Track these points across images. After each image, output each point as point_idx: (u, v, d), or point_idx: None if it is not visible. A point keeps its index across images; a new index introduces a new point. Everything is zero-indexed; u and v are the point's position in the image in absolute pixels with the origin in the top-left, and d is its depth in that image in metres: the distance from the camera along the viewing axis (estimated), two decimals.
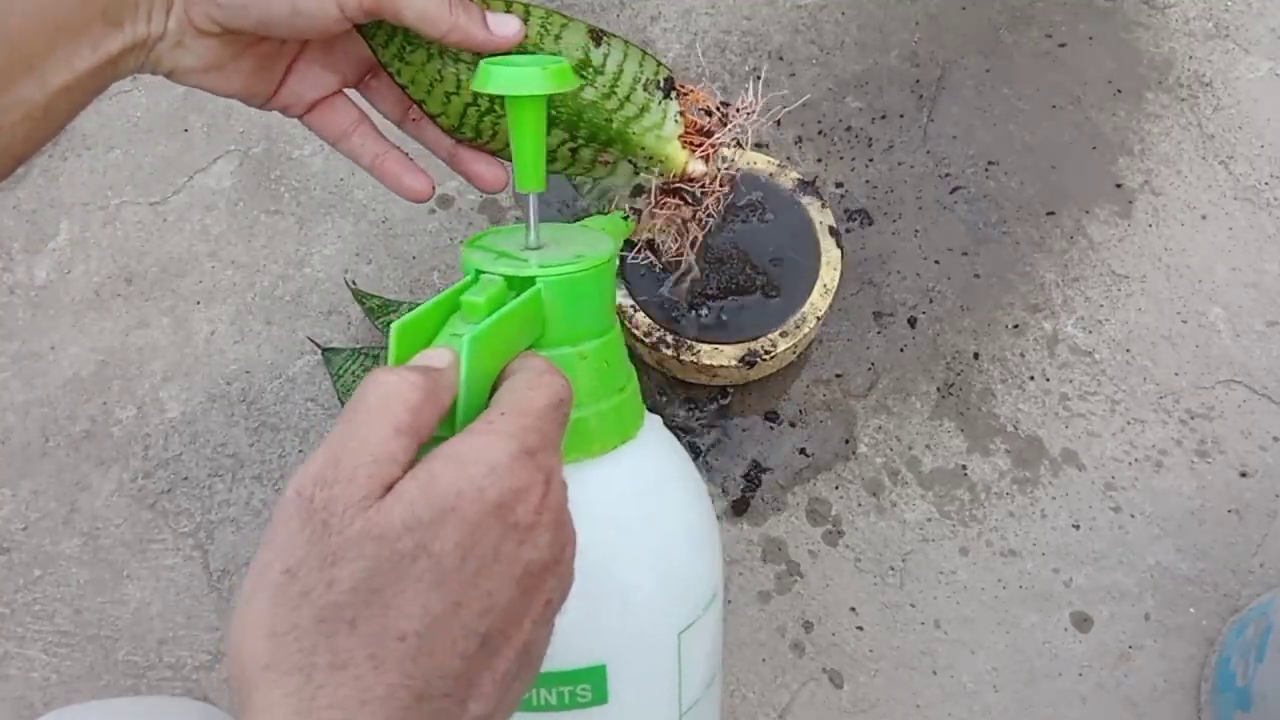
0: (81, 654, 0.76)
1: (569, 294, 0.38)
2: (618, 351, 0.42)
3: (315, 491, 0.28)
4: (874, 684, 0.74)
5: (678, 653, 0.43)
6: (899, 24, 1.01)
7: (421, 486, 0.28)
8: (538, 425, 0.31)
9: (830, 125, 0.96)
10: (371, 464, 0.28)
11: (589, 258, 0.39)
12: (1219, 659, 0.72)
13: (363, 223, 0.93)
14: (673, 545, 0.44)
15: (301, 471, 0.29)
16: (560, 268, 0.38)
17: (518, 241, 0.41)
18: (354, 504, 0.28)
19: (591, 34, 0.49)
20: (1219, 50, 0.99)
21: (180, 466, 0.83)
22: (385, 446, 0.29)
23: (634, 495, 0.43)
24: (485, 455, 0.29)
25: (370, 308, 0.86)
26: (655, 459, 0.44)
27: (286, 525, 0.28)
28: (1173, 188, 0.93)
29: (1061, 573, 0.77)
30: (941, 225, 0.91)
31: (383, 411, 0.29)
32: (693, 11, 1.02)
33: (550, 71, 0.38)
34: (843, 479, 0.81)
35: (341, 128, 0.50)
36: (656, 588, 0.43)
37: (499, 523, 0.29)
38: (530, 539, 0.30)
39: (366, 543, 0.27)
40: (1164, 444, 0.82)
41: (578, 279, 0.38)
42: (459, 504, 0.28)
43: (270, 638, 0.27)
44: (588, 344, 0.40)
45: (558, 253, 0.40)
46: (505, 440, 0.30)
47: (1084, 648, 0.75)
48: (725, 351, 0.77)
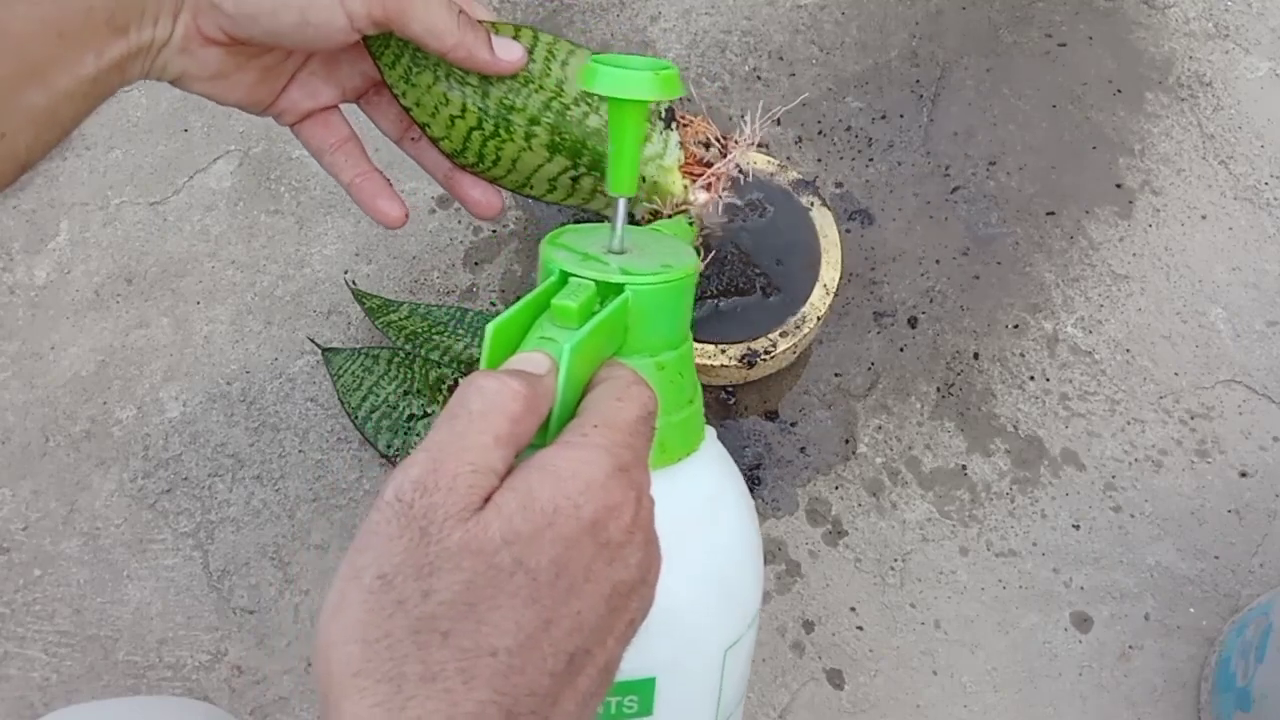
0: (81, 654, 0.76)
1: (654, 304, 0.38)
2: (690, 364, 0.41)
3: (415, 498, 0.27)
4: (874, 684, 0.74)
5: (722, 669, 0.43)
6: (899, 24, 1.01)
7: (520, 501, 0.28)
8: (629, 440, 0.31)
9: (830, 125, 0.96)
10: (472, 474, 0.28)
11: (676, 268, 0.38)
12: (1219, 659, 0.72)
13: (363, 223, 0.93)
14: (726, 560, 0.44)
15: (401, 475, 0.28)
16: (648, 277, 0.37)
17: (599, 243, 0.40)
18: (454, 514, 0.27)
19: None
20: (1219, 50, 0.99)
21: (180, 466, 0.83)
22: (486, 456, 0.29)
23: (695, 508, 0.42)
24: (582, 471, 0.29)
25: (370, 308, 0.86)
26: (715, 472, 0.44)
27: (384, 529, 0.27)
28: (1173, 188, 0.93)
29: (1061, 573, 0.77)
30: (941, 225, 0.91)
31: (485, 419, 0.29)
32: (693, 11, 1.02)
33: (662, 77, 0.38)
34: (843, 479, 0.81)
35: (329, 142, 0.50)
36: (710, 603, 0.43)
37: (592, 541, 0.29)
38: (621, 558, 0.30)
39: (465, 555, 0.27)
40: (1164, 444, 0.82)
41: (664, 289, 0.38)
42: (555, 520, 0.28)
43: (363, 644, 0.26)
44: (666, 354, 0.39)
45: (642, 260, 0.39)
46: (600, 455, 0.30)
47: (1084, 648, 0.75)
48: (725, 351, 0.77)
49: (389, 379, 0.82)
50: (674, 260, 0.39)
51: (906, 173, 0.94)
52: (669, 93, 0.38)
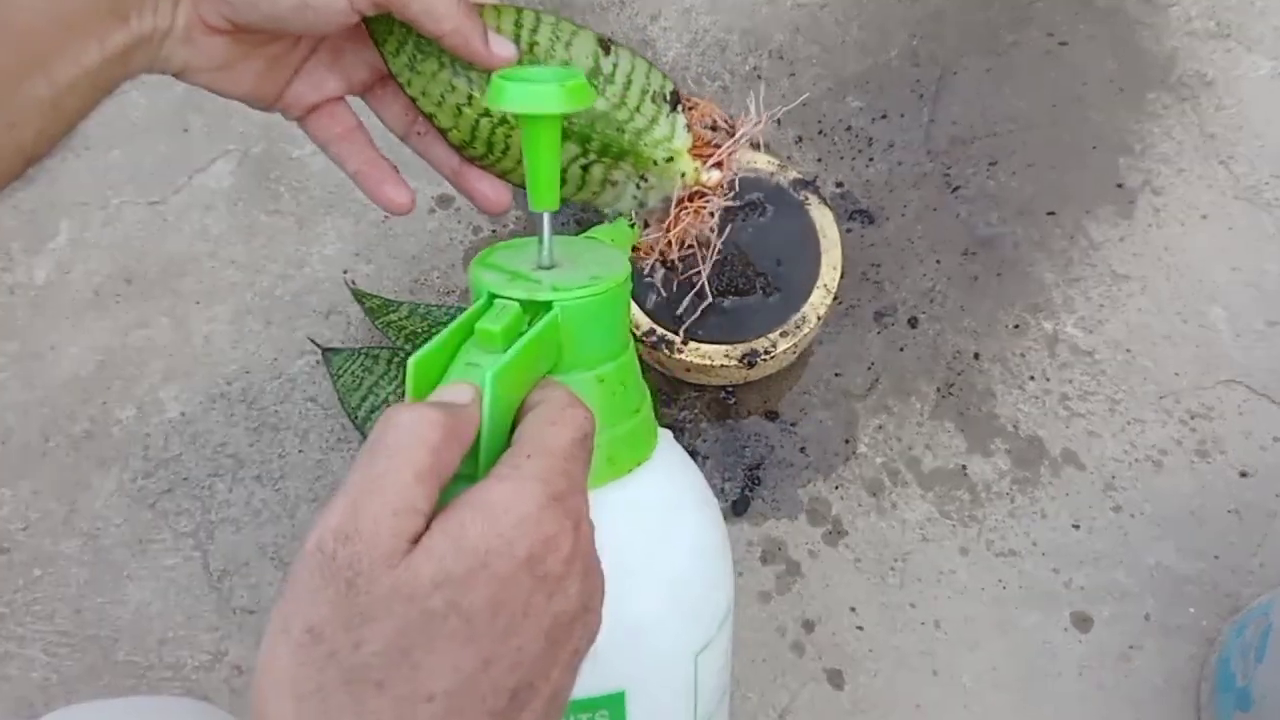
0: (81, 654, 0.76)
1: (586, 317, 0.37)
2: (633, 372, 0.41)
3: (337, 548, 0.27)
4: (874, 684, 0.74)
5: (694, 673, 0.43)
6: (899, 24, 1.01)
7: (451, 541, 0.27)
8: (564, 467, 0.30)
9: (830, 125, 0.96)
10: (393, 517, 0.27)
11: (605, 279, 0.37)
12: (1219, 659, 0.72)
13: (363, 223, 0.93)
14: (688, 566, 0.43)
15: (320, 524, 0.27)
16: (576, 291, 0.36)
17: (529, 259, 0.39)
18: (379, 561, 0.26)
19: (601, 43, 0.49)
20: (1220, 49, 0.99)
21: (180, 466, 0.83)
22: (406, 495, 0.28)
23: (650, 519, 0.42)
24: (515, 505, 0.28)
25: (370, 307, 0.86)
26: (669, 479, 0.44)
27: (308, 581, 0.27)
28: (1173, 187, 0.93)
29: (1061, 573, 0.77)
30: (941, 225, 0.91)
31: (403, 455, 0.28)
32: (693, 11, 1.02)
33: (569, 88, 0.36)
34: (843, 479, 0.81)
35: (335, 132, 0.50)
36: (674, 612, 0.42)
37: (529, 576, 0.28)
38: (560, 590, 0.29)
39: (395, 602, 0.26)
40: (1164, 444, 0.82)
41: (594, 302, 0.37)
42: (489, 560, 0.27)
43: (295, 699, 0.26)
44: (604, 367, 0.38)
45: (572, 273, 0.38)
46: (533, 486, 0.29)
47: (1084, 648, 0.75)
48: (725, 351, 0.77)
49: (389, 379, 0.82)
50: (604, 270, 0.38)
51: (906, 172, 0.94)
52: (578, 103, 0.37)
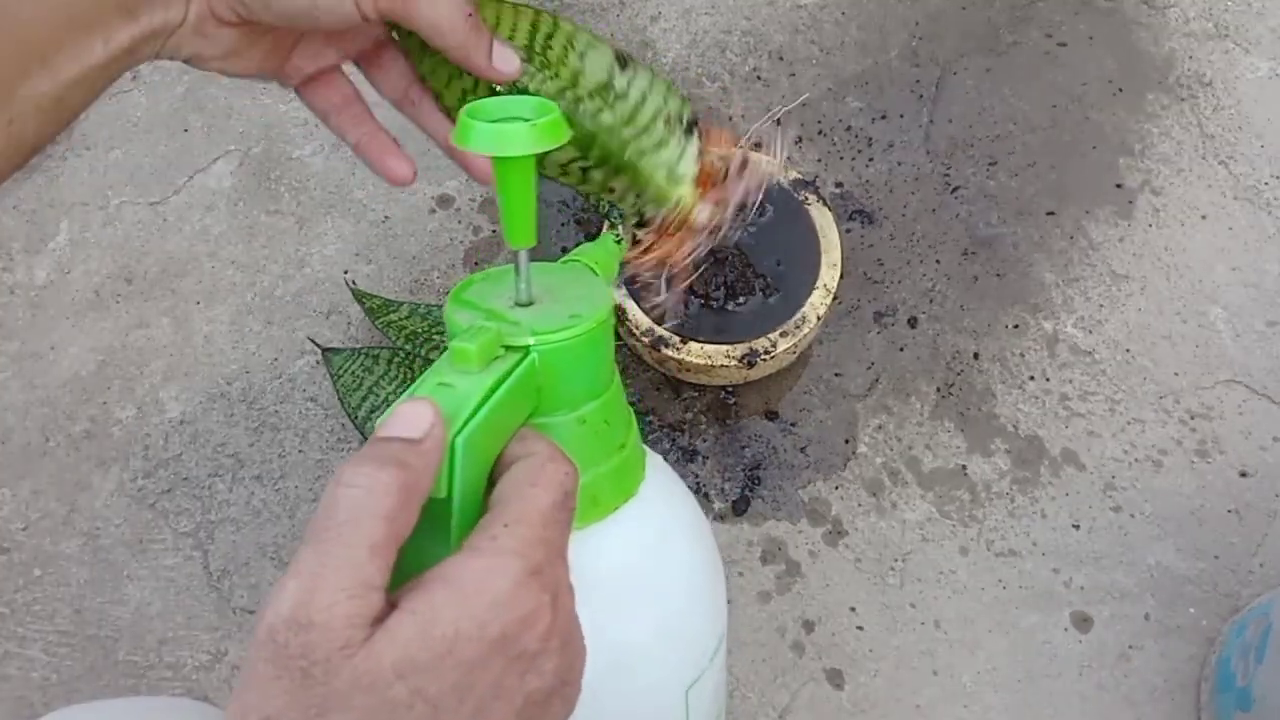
0: (81, 654, 0.76)
1: (566, 360, 0.35)
2: (618, 408, 0.39)
3: (289, 637, 0.25)
4: (874, 684, 0.74)
5: (685, 708, 0.43)
6: (899, 24, 1.01)
7: (419, 626, 0.26)
8: (542, 535, 0.29)
9: (830, 125, 0.96)
10: (348, 600, 0.26)
11: (585, 317, 0.35)
12: (1219, 659, 0.72)
13: (363, 223, 0.93)
14: (680, 602, 0.42)
15: (272, 610, 0.26)
16: (555, 334, 0.34)
17: (506, 294, 0.37)
18: (335, 651, 0.25)
19: (618, 58, 0.48)
20: (1219, 50, 0.99)
21: (180, 466, 0.83)
22: (361, 574, 0.26)
23: (639, 556, 0.40)
24: (488, 584, 0.27)
25: (370, 308, 0.86)
26: (658, 513, 0.42)
27: (262, 670, 0.25)
28: (1173, 187, 0.93)
29: (1061, 573, 0.77)
30: (941, 225, 0.91)
31: (355, 529, 0.26)
32: (693, 11, 1.02)
33: (540, 128, 0.34)
34: (843, 479, 0.81)
35: (333, 102, 0.49)
36: (665, 649, 0.41)
37: (501, 656, 0.27)
38: (534, 668, 0.28)
39: (355, 694, 0.25)
40: (1164, 444, 0.82)
41: (574, 343, 0.35)
42: (457, 645, 0.26)
43: None
44: (586, 407, 0.36)
45: (551, 311, 0.36)
46: (509, 562, 0.28)
47: (1084, 648, 0.75)
48: (725, 351, 0.77)
49: (389, 379, 0.81)
50: (584, 308, 0.36)
51: (906, 173, 0.94)
52: (549, 141, 0.35)
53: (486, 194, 0.94)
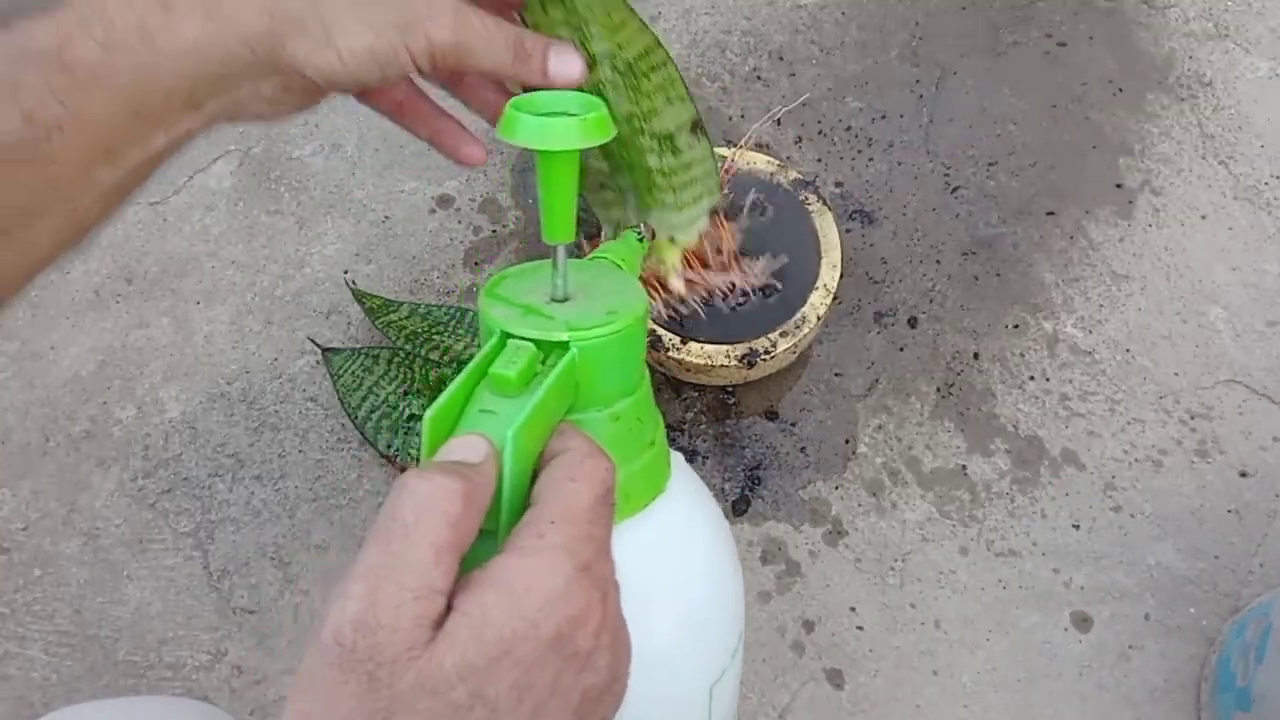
0: (82, 654, 0.76)
1: (603, 357, 0.35)
2: (648, 405, 0.39)
3: (357, 639, 0.25)
4: (874, 684, 0.74)
5: (709, 705, 0.42)
6: (899, 24, 1.01)
7: (473, 629, 0.26)
8: (589, 531, 0.29)
9: (830, 125, 0.96)
10: (415, 602, 0.26)
11: (623, 315, 0.35)
12: (1219, 659, 0.72)
13: (363, 223, 0.93)
14: (705, 598, 0.42)
15: (337, 613, 0.26)
16: (594, 330, 0.34)
17: (540, 288, 0.37)
18: (402, 654, 0.25)
19: (695, 124, 0.49)
20: (1219, 50, 0.99)
21: (180, 466, 0.83)
22: (426, 576, 0.26)
23: (666, 553, 0.40)
24: (539, 582, 0.27)
25: (370, 308, 0.86)
26: (684, 509, 0.42)
27: (327, 675, 0.25)
28: (1173, 187, 0.93)
29: (1061, 573, 0.77)
30: (941, 225, 0.91)
31: (421, 531, 0.27)
32: (693, 11, 1.02)
33: (588, 123, 0.34)
34: (843, 479, 0.81)
35: (397, 100, 0.49)
36: (691, 646, 0.41)
37: (557, 655, 0.27)
38: (589, 665, 0.28)
39: (420, 697, 0.25)
40: (1164, 444, 0.82)
41: (612, 340, 0.35)
42: (513, 646, 0.26)
43: None
44: (620, 404, 0.36)
45: (588, 307, 0.36)
46: (559, 558, 0.28)
47: (1084, 648, 0.75)
48: (725, 351, 0.77)
49: (389, 379, 0.82)
50: (621, 305, 0.36)
51: (906, 173, 0.94)
52: (597, 137, 0.35)
53: (486, 194, 0.94)
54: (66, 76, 0.37)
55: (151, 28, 0.38)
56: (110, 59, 0.37)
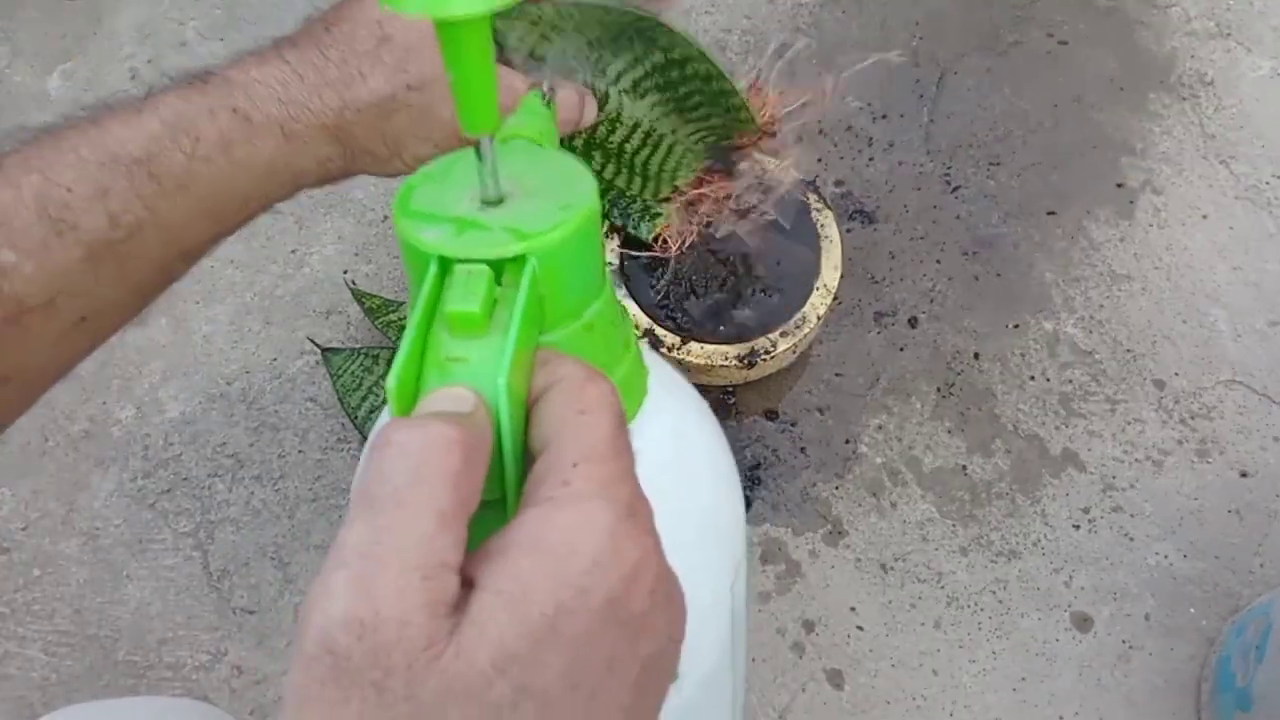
0: (81, 654, 0.76)
1: (566, 261, 0.29)
2: (616, 306, 0.33)
3: (352, 644, 0.20)
4: (874, 684, 0.74)
5: (731, 605, 0.41)
6: (899, 23, 1.01)
7: (510, 607, 0.21)
8: (619, 467, 0.24)
9: (830, 125, 0.96)
10: (423, 584, 0.20)
11: (577, 207, 0.29)
12: (1219, 659, 0.72)
13: (362, 222, 0.93)
14: (709, 495, 0.39)
15: (320, 612, 0.20)
16: (550, 233, 0.28)
17: (464, 192, 0.30)
18: (418, 654, 0.20)
19: None
20: (1220, 49, 0.99)
21: (180, 466, 0.83)
22: (432, 550, 0.21)
23: (665, 459, 0.36)
24: (582, 541, 0.22)
25: (370, 307, 0.86)
26: (670, 407, 0.37)
27: (319, 695, 0.20)
28: (1174, 187, 0.93)
29: (1061, 573, 0.77)
30: (941, 225, 0.91)
31: (418, 492, 0.21)
32: (693, 11, 1.02)
33: None
34: (843, 479, 0.81)
35: None
36: (707, 550, 0.39)
37: (611, 625, 0.22)
38: (645, 629, 0.23)
39: (450, 705, 0.20)
40: (1164, 444, 0.82)
41: (572, 240, 0.28)
42: (560, 622, 0.21)
43: None
44: (591, 309, 0.30)
45: (531, 205, 0.29)
46: (598, 508, 0.22)
47: (1084, 648, 0.75)
48: (725, 351, 0.77)
49: None
50: (570, 195, 0.29)
51: (907, 172, 0.94)
52: None
53: None
54: (154, 185, 0.39)
55: (234, 145, 0.41)
56: (194, 169, 0.40)
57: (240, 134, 0.41)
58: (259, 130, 0.41)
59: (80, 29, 1.04)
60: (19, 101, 1.01)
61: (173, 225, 0.40)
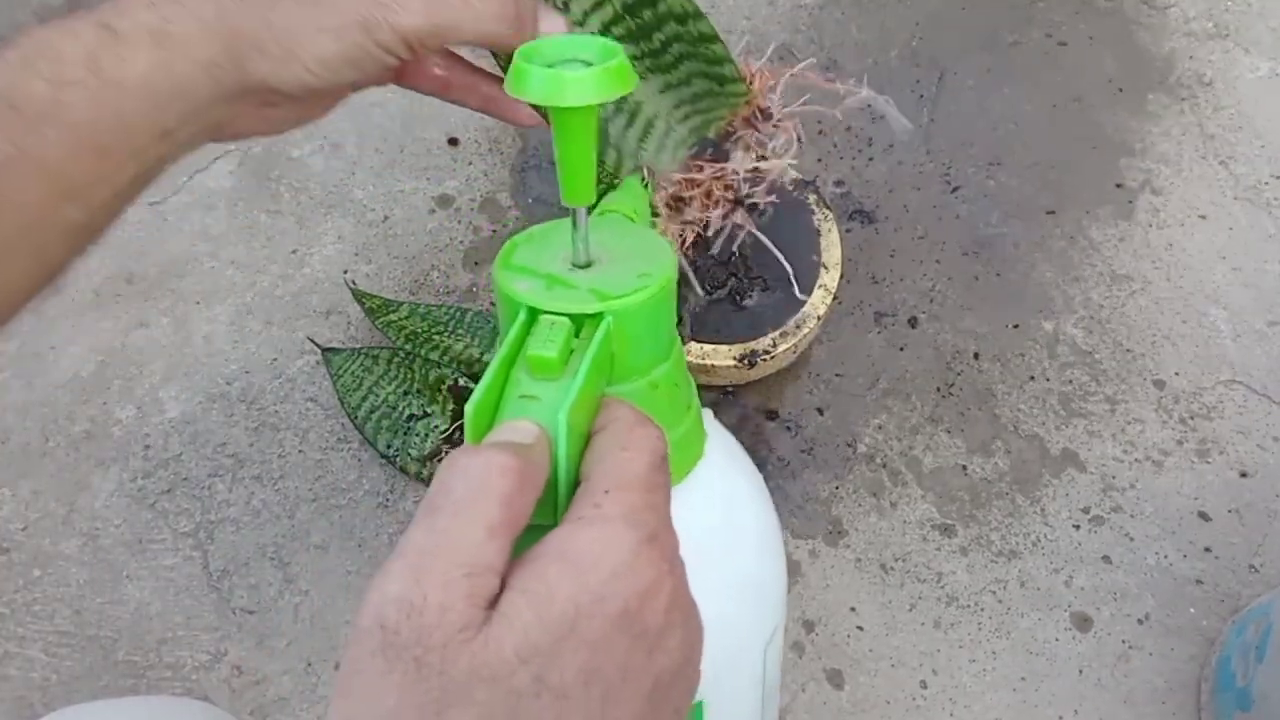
0: (81, 654, 0.76)
1: (639, 323, 0.32)
2: (682, 369, 0.36)
3: (401, 621, 0.23)
4: (874, 684, 0.74)
5: (764, 665, 0.42)
6: (899, 24, 1.01)
7: (535, 606, 0.24)
8: (648, 500, 0.26)
9: (830, 125, 0.96)
10: (466, 579, 0.23)
11: (655, 276, 0.32)
12: (1219, 659, 0.72)
13: (362, 222, 0.93)
14: (753, 558, 0.41)
15: (378, 592, 0.23)
16: (628, 296, 0.31)
17: (558, 254, 0.34)
18: (454, 636, 0.23)
19: None
20: (1219, 50, 0.99)
21: (180, 466, 0.83)
22: (479, 553, 0.24)
23: (715, 516, 0.39)
24: (604, 555, 0.25)
25: (370, 308, 0.86)
26: (725, 469, 0.40)
27: (369, 665, 0.23)
28: (1173, 187, 0.93)
29: (1061, 573, 0.77)
30: (941, 225, 0.91)
31: (472, 506, 0.24)
32: None
33: (609, 72, 0.30)
34: (843, 479, 0.81)
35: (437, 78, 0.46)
36: (745, 609, 0.40)
37: (626, 635, 0.25)
38: (660, 645, 0.26)
39: (477, 685, 0.23)
40: (1164, 444, 0.82)
41: (647, 305, 0.32)
42: (579, 624, 0.24)
43: None
44: (658, 370, 0.34)
45: (615, 271, 0.33)
46: (621, 530, 0.25)
47: (1084, 648, 0.75)
48: (725, 351, 0.77)
49: (389, 379, 0.81)
50: (650, 265, 0.33)
51: (907, 173, 0.94)
52: (618, 88, 0.30)
53: (486, 194, 0.94)
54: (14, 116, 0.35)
55: (101, 61, 0.36)
56: (60, 95, 0.35)
57: (107, 48, 0.36)
58: (127, 40, 0.36)
59: None
60: None
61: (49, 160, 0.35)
